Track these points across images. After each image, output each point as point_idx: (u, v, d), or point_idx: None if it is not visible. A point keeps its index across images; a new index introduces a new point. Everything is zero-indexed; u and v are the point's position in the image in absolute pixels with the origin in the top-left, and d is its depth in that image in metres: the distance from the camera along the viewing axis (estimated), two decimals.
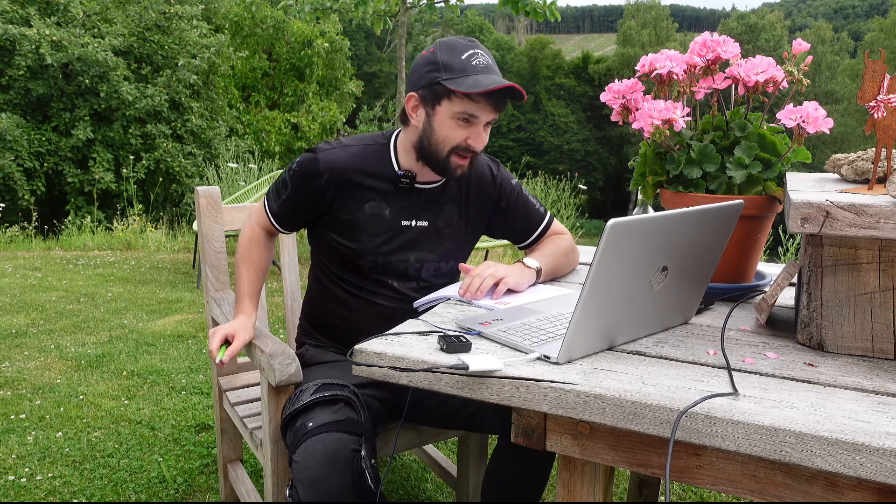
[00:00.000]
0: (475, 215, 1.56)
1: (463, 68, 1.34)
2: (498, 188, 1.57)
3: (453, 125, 1.37)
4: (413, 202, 1.48)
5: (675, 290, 1.08)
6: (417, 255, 1.49)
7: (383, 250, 1.46)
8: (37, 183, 11.21)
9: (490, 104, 1.35)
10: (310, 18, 7.18)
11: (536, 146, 41.33)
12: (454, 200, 1.53)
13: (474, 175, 1.54)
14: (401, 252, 1.48)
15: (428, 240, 1.50)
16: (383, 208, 1.46)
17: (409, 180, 1.46)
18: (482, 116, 1.36)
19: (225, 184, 6.49)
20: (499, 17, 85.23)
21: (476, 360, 0.95)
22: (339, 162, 1.44)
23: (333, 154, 1.44)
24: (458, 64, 1.34)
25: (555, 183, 7.30)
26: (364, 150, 1.47)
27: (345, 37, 17.85)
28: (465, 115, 1.36)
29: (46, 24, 11.27)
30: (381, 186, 1.46)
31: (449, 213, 1.52)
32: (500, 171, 1.59)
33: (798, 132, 1.21)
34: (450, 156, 1.40)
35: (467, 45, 1.37)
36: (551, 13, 6.57)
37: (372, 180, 1.46)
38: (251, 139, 14.56)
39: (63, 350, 3.35)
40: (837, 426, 0.78)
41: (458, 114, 1.36)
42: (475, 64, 1.34)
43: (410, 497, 2.10)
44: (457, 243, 1.54)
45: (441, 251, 1.51)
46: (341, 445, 1.21)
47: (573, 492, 1.01)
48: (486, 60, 1.36)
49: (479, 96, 1.33)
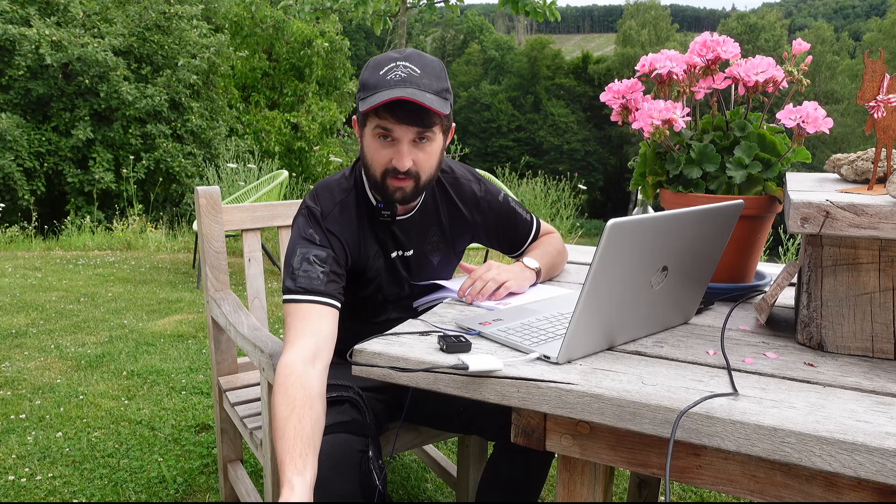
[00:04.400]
0: (457, 235, 1.52)
1: (376, 85, 1.24)
2: (483, 209, 1.51)
3: (377, 146, 1.28)
4: (397, 235, 1.43)
5: (675, 290, 1.08)
6: (410, 282, 1.48)
7: (378, 287, 1.45)
8: (37, 183, 11.21)
9: (402, 120, 1.24)
10: (310, 18, 7.18)
11: (536, 146, 41.35)
12: (436, 223, 1.48)
13: (455, 196, 1.49)
14: (395, 284, 1.46)
15: (417, 266, 1.48)
16: (375, 250, 1.41)
17: (389, 213, 1.37)
18: (398, 133, 1.25)
19: (225, 184, 6.49)
20: (499, 17, 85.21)
21: (476, 360, 0.95)
22: (341, 226, 1.37)
23: (336, 222, 1.37)
24: (374, 81, 1.25)
25: (555, 183, 7.30)
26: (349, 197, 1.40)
27: (345, 37, 17.83)
28: (382, 132, 1.26)
29: (46, 24, 11.27)
30: (373, 228, 1.41)
31: (432, 235, 1.48)
32: (484, 191, 1.52)
33: (798, 132, 1.21)
34: (385, 179, 1.30)
35: (392, 59, 1.27)
36: (551, 13, 6.58)
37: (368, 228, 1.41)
38: (251, 139, 14.55)
39: (63, 350, 3.35)
40: (837, 426, 0.78)
41: (376, 132, 1.27)
42: (389, 78, 1.23)
43: (410, 497, 2.10)
44: (444, 261, 1.53)
45: (431, 272, 1.50)
46: (348, 447, 1.21)
47: (573, 492, 1.01)
48: (406, 73, 1.23)
49: (385, 113, 1.23)
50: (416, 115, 1.24)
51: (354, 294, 1.43)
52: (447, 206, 1.49)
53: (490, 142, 42.23)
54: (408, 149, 1.27)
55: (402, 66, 1.24)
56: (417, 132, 1.26)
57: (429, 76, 1.25)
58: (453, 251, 1.54)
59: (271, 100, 16.96)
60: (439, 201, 1.48)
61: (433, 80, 1.26)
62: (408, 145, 1.27)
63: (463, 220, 1.51)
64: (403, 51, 1.29)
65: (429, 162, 1.31)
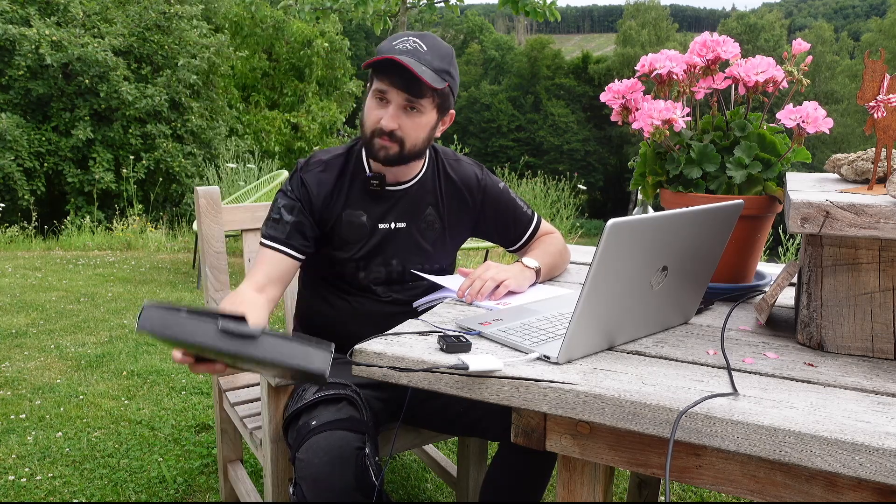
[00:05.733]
0: (455, 217, 1.55)
1: (381, 49, 1.36)
2: (482, 193, 1.57)
3: (372, 105, 1.39)
4: (391, 206, 1.49)
5: (675, 290, 1.08)
6: (399, 258, 1.49)
7: (362, 255, 1.47)
8: (37, 183, 11.22)
9: (392, 83, 1.34)
10: (310, 18, 7.18)
11: (536, 146, 41.36)
12: (432, 202, 1.53)
13: (455, 177, 1.55)
14: (381, 255, 1.48)
15: (408, 242, 1.50)
16: (359, 215, 1.46)
17: (377, 181, 1.46)
18: (391, 95, 1.36)
19: (225, 184, 6.49)
20: (499, 17, 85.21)
21: (476, 360, 0.95)
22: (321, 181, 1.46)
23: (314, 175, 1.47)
24: (385, 47, 1.36)
25: (555, 183, 7.30)
26: (337, 159, 1.50)
27: (345, 37, 17.85)
28: (378, 94, 1.37)
29: (46, 24, 11.28)
30: (355, 193, 1.47)
31: (429, 215, 1.52)
32: (484, 175, 1.58)
33: (798, 132, 1.21)
34: (373, 137, 1.40)
35: (407, 34, 1.39)
36: (551, 13, 6.58)
37: (347, 188, 1.47)
38: (251, 139, 14.56)
39: (63, 350, 3.35)
40: (837, 426, 0.78)
41: (374, 92, 1.38)
42: (397, 46, 1.35)
43: (410, 497, 2.10)
44: (439, 244, 1.54)
45: (423, 252, 1.51)
46: (345, 443, 1.21)
47: (573, 492, 1.01)
48: (413, 46, 1.35)
49: (379, 72, 1.35)
50: (408, 81, 1.33)
51: (333, 259, 1.48)
52: (447, 185, 1.54)
53: (490, 142, 42.23)
54: (396, 112, 1.37)
55: (412, 40, 1.37)
56: (406, 99, 1.36)
57: (433, 55, 1.36)
58: (449, 235, 1.55)
59: (271, 100, 16.97)
60: (439, 178, 1.54)
61: (435, 59, 1.36)
62: (397, 108, 1.37)
63: (461, 201, 1.55)
64: (421, 32, 1.39)
65: (415, 132, 1.40)
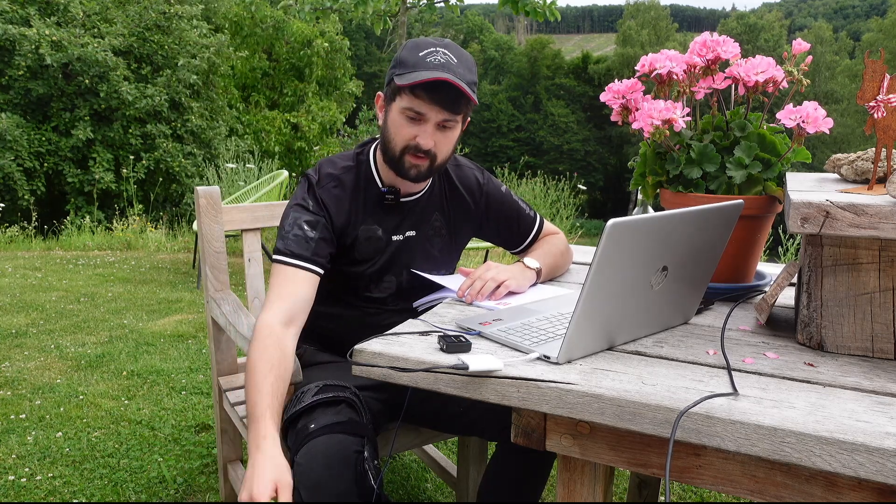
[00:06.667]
0: (459, 222, 1.55)
1: (415, 64, 1.30)
2: (485, 197, 1.56)
3: (402, 122, 1.33)
4: (403, 217, 1.48)
5: (675, 290, 1.08)
6: (409, 267, 1.49)
7: (376, 269, 1.46)
8: (37, 183, 11.21)
9: (435, 102, 1.29)
10: (310, 18, 7.18)
11: (536, 146, 41.35)
12: (438, 208, 1.52)
13: (458, 182, 1.54)
14: (393, 268, 1.47)
15: (417, 248, 1.49)
16: (375, 229, 1.45)
17: (393, 196, 1.43)
18: (429, 114, 1.31)
19: (225, 184, 6.49)
20: (499, 17, 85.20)
21: (476, 360, 0.95)
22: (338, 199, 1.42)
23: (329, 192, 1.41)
24: (413, 60, 1.30)
25: (554, 183, 7.29)
26: (348, 173, 1.44)
27: (345, 37, 17.84)
28: (411, 113, 1.32)
29: (46, 24, 11.27)
30: (369, 207, 1.45)
31: (436, 221, 1.52)
32: (486, 179, 1.58)
33: (798, 132, 1.21)
34: (403, 155, 1.35)
35: (431, 43, 1.33)
36: (551, 13, 6.58)
37: (362, 203, 1.44)
38: (251, 139, 14.55)
39: (63, 350, 3.35)
40: (837, 426, 0.78)
41: (405, 110, 1.32)
42: (429, 61, 1.29)
43: (410, 497, 2.10)
44: (446, 250, 1.54)
45: (432, 259, 1.51)
46: (344, 447, 1.20)
47: (573, 492, 1.01)
48: (445, 59, 1.30)
49: (421, 92, 1.29)
50: (451, 99, 1.30)
51: (346, 274, 1.46)
52: (451, 192, 1.54)
53: (490, 142, 42.22)
54: (433, 130, 1.33)
55: (441, 52, 1.31)
56: (445, 117, 1.32)
57: (463, 67, 1.32)
58: (454, 240, 1.55)
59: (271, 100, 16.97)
60: (444, 187, 1.53)
61: (466, 72, 1.33)
62: (434, 127, 1.33)
63: (465, 206, 1.55)
64: (441, 39, 1.35)
65: (446, 147, 1.38)
